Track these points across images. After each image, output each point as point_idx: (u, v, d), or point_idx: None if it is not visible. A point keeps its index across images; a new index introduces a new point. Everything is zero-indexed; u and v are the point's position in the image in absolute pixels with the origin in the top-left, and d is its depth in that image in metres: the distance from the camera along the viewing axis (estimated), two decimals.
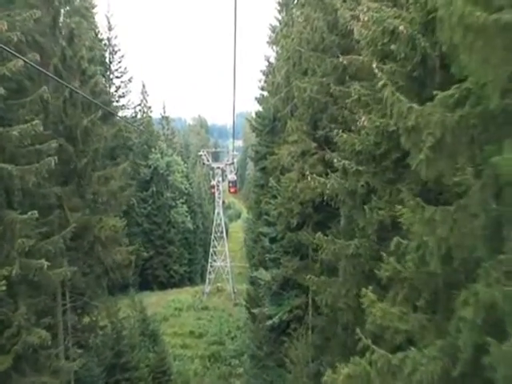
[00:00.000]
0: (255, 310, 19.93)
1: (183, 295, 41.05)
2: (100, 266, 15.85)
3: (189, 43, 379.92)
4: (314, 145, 17.14)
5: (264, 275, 19.39)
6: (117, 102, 39.57)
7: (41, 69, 11.24)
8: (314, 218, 17.89)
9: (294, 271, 18.07)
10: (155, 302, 38.04)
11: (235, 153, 54.60)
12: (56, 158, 12.34)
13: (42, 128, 11.61)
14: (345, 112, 11.06)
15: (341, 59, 15.12)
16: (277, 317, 18.73)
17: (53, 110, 14.08)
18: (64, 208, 14.58)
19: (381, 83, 6.60)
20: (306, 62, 17.42)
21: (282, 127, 20.38)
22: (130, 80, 39.86)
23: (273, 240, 19.85)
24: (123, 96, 39.85)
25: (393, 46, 7.49)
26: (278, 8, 28.85)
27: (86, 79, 15.27)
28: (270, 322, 18.96)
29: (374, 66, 7.72)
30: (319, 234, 10.17)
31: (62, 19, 15.49)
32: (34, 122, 11.28)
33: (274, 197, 19.23)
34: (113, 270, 16.11)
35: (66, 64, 14.28)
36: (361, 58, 10.61)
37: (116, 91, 39.36)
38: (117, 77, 39.40)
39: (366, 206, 8.66)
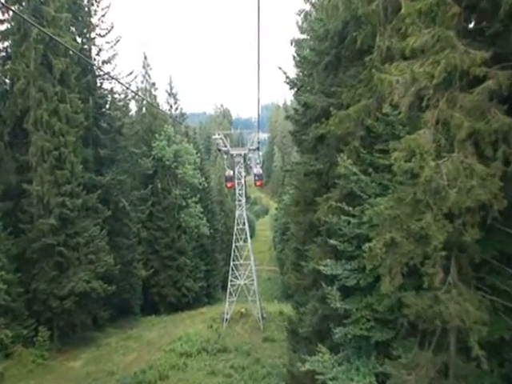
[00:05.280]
0: None
1: (196, 323, 30.91)
2: None
3: (215, 36, 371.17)
4: (483, 53, 6.18)
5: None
6: (99, 69, 29.23)
7: None
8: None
9: None
10: (156, 339, 27.88)
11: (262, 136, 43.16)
12: None
13: None
14: None
15: None
16: None
17: None
18: None
19: None
20: None
21: (364, 43, 9.40)
22: (117, 40, 29.34)
23: (349, 291, 8.95)
24: (108, 62, 29.42)
25: None
26: None
27: None
28: None
29: None
30: None
31: None
32: None
33: (357, 197, 8.40)
34: None
35: None
36: None
37: (98, 54, 28.98)
38: (99, 35, 28.88)
39: None
